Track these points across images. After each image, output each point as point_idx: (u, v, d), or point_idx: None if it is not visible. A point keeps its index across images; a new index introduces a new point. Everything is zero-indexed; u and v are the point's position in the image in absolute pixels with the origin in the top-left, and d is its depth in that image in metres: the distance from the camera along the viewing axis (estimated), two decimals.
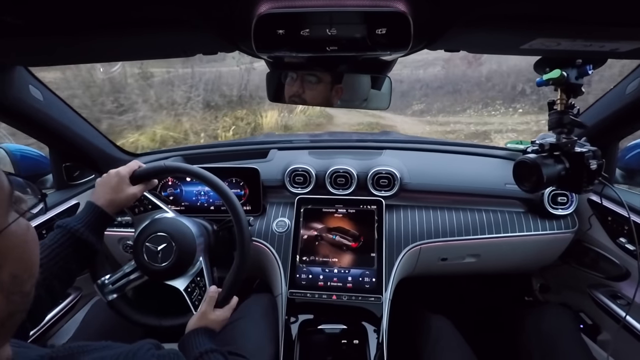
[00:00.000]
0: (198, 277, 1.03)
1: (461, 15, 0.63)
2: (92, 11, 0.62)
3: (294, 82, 1.03)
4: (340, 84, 1.01)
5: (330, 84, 1.01)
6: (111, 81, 5.98)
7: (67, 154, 1.42)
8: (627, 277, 1.22)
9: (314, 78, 1.01)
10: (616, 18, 0.60)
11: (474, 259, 1.44)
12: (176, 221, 1.06)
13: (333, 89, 1.02)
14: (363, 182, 1.42)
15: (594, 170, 0.86)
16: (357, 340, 1.19)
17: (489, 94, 7.36)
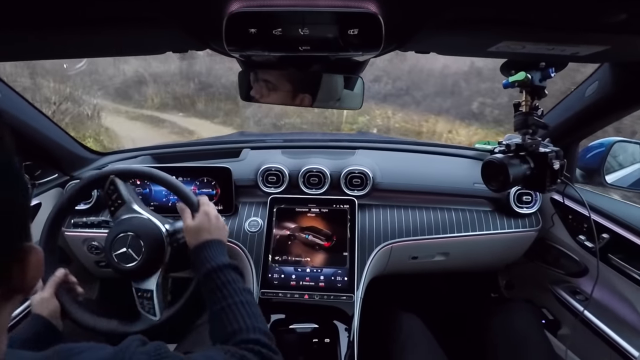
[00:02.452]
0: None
1: (431, 18, 0.64)
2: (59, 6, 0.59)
3: (260, 82, 1.02)
4: (312, 85, 1.01)
5: (299, 83, 1.00)
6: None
7: (28, 152, 1.35)
8: (586, 274, 1.28)
9: (275, 82, 1.00)
10: (576, 24, 0.63)
11: (443, 257, 1.47)
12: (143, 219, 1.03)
13: (308, 99, 1.02)
14: (336, 182, 1.43)
15: (556, 170, 0.89)
16: (328, 339, 1.19)
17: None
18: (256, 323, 0.73)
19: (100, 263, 1.48)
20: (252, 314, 0.75)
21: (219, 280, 0.80)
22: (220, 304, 0.77)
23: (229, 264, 0.83)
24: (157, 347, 0.54)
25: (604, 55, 0.80)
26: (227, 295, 0.77)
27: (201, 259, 0.86)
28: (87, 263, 1.50)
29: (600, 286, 1.13)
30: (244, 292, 0.79)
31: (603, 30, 0.64)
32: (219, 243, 0.89)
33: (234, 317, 0.74)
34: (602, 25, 0.62)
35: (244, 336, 0.70)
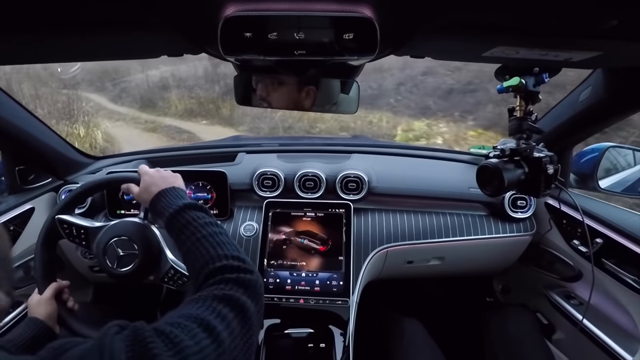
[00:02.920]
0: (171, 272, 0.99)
1: (425, 23, 0.65)
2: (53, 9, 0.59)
3: (256, 86, 1.02)
4: (311, 87, 1.01)
5: (298, 87, 1.01)
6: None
7: (21, 157, 1.34)
8: (580, 278, 1.29)
9: (277, 82, 1.00)
10: (569, 30, 0.64)
11: (438, 261, 1.47)
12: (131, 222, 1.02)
13: (303, 92, 1.02)
14: (331, 186, 1.43)
15: (551, 175, 0.90)
16: (323, 344, 1.19)
17: None
18: (220, 251, 0.69)
19: (94, 268, 1.47)
20: (215, 243, 0.71)
21: (179, 224, 0.76)
22: (186, 245, 0.73)
23: (185, 205, 0.79)
24: (134, 330, 0.52)
25: (596, 61, 0.81)
26: (189, 235, 0.74)
27: (157, 210, 0.83)
28: (80, 268, 1.48)
29: (594, 291, 1.13)
30: (206, 226, 0.75)
31: (595, 36, 0.65)
32: (170, 190, 0.85)
33: (198, 253, 0.70)
34: (594, 31, 0.63)
35: (210, 267, 0.66)
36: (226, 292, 0.61)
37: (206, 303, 0.58)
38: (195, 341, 0.51)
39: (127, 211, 1.42)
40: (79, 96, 7.55)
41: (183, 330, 0.52)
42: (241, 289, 0.62)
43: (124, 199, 1.42)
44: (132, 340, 0.49)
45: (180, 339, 0.50)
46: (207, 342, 0.52)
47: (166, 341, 0.50)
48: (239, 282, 0.63)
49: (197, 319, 0.55)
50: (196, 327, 0.53)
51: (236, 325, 0.57)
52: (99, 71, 9.68)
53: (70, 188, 1.42)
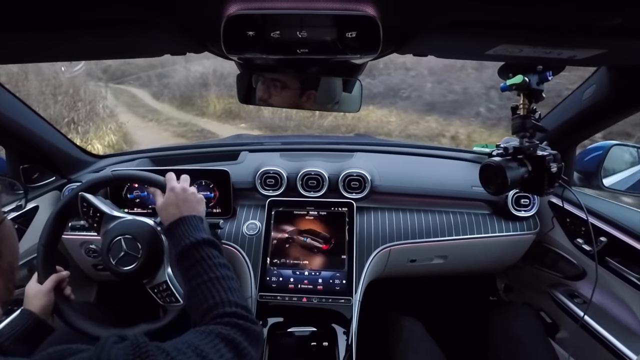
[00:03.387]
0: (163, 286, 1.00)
1: (429, 21, 0.65)
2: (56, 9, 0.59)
3: (261, 86, 1.02)
4: (312, 89, 1.01)
5: (299, 88, 1.01)
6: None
7: (25, 155, 1.35)
8: (584, 277, 1.28)
9: (279, 83, 1.00)
10: (573, 27, 0.63)
11: (441, 260, 1.47)
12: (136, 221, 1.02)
13: (304, 94, 1.02)
14: (334, 185, 1.43)
15: (554, 173, 0.90)
16: (326, 343, 1.19)
17: None
18: (232, 297, 0.71)
19: (98, 266, 1.47)
20: (227, 288, 0.73)
21: (193, 258, 0.78)
22: (196, 281, 0.75)
23: (203, 240, 0.81)
24: (136, 342, 0.53)
25: (600, 59, 0.80)
26: (202, 272, 0.75)
27: (175, 237, 0.84)
28: (84, 266, 1.49)
29: (598, 289, 1.13)
30: (220, 267, 0.77)
31: (599, 34, 0.64)
32: (192, 218, 0.87)
33: (209, 293, 0.72)
34: (598, 29, 0.63)
35: (220, 310, 0.68)
36: (231, 334, 0.63)
37: (209, 337, 0.60)
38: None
39: (130, 210, 1.43)
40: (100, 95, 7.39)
41: (183, 355, 0.54)
42: (244, 336, 0.65)
43: (128, 197, 1.43)
44: (132, 351, 0.50)
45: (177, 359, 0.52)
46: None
47: (166, 356, 0.52)
48: (244, 329, 0.66)
49: (197, 349, 0.57)
50: (193, 355, 0.55)
51: None
52: (146, 65, 9.54)
53: (72, 187, 1.43)
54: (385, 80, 7.87)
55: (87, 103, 6.99)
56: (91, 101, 7.15)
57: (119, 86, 10.84)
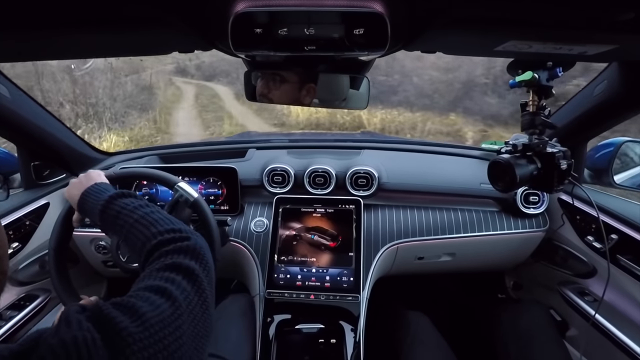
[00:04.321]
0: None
1: (437, 17, 0.64)
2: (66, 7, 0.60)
3: (260, 81, 1.02)
4: (312, 84, 1.00)
5: (297, 83, 1.00)
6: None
7: (36, 152, 1.37)
8: (594, 275, 1.27)
9: (278, 77, 1.00)
10: (583, 23, 0.63)
11: (449, 257, 1.47)
12: None
13: (304, 89, 1.02)
14: (341, 182, 1.43)
15: (564, 170, 0.89)
16: (334, 340, 1.19)
17: None
18: (154, 228, 0.69)
19: (108, 263, 1.49)
20: (148, 223, 0.71)
21: (110, 218, 0.76)
22: (122, 233, 0.73)
23: (110, 196, 0.79)
24: (93, 311, 0.53)
25: (612, 55, 0.79)
26: (122, 224, 0.74)
27: (88, 212, 0.83)
28: (94, 263, 1.51)
29: (609, 287, 1.12)
30: (136, 210, 0.75)
31: (611, 29, 0.63)
32: (93, 187, 0.85)
33: (135, 237, 0.70)
34: (610, 24, 0.62)
35: (147, 247, 0.66)
36: (167, 262, 0.61)
37: (152, 275, 0.59)
38: (150, 303, 0.52)
39: None
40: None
41: (137, 298, 0.53)
42: (181, 255, 0.63)
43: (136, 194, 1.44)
44: (92, 315, 0.50)
45: (135, 305, 0.51)
46: (162, 301, 0.53)
47: (122, 309, 0.51)
48: (176, 250, 0.64)
49: (148, 287, 0.55)
50: (149, 293, 0.54)
51: (186, 285, 0.58)
52: (236, 60, 9.58)
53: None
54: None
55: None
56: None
57: (206, 83, 10.86)
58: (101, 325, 0.48)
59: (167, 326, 0.50)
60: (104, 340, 0.46)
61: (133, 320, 0.49)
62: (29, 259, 1.28)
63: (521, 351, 1.26)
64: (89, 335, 0.45)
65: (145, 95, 7.94)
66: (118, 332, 0.47)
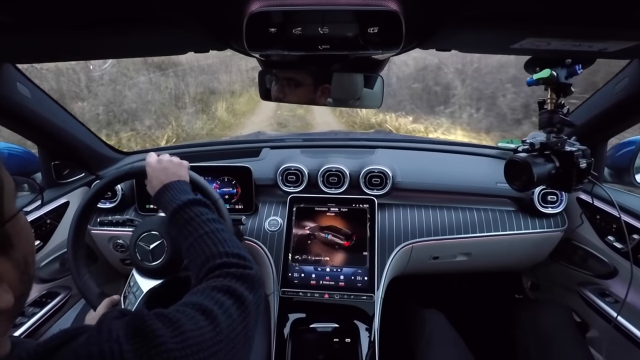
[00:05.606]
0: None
1: (452, 15, 0.63)
2: (83, 8, 0.61)
3: (275, 85, 1.03)
4: (327, 84, 1.00)
5: (312, 85, 1.01)
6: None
7: (56, 152, 1.40)
8: (615, 275, 1.24)
9: (293, 82, 1.00)
10: (604, 19, 0.61)
11: (465, 257, 1.45)
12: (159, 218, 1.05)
13: (318, 90, 1.02)
14: (355, 181, 1.42)
15: (583, 169, 0.87)
16: (349, 339, 1.19)
17: None
18: (221, 248, 0.71)
19: (126, 261, 1.51)
20: (217, 240, 0.73)
21: (182, 219, 0.78)
22: (188, 241, 0.75)
23: (188, 201, 0.81)
24: (134, 314, 0.53)
25: (634, 51, 0.77)
26: (191, 231, 0.76)
27: (162, 205, 0.85)
28: (112, 261, 1.54)
29: (632, 288, 1.09)
30: (208, 223, 0.77)
31: (633, 25, 0.62)
32: (174, 183, 0.87)
33: (200, 249, 0.72)
34: (631, 19, 0.60)
35: (210, 264, 0.68)
36: (224, 283, 0.63)
37: (205, 292, 0.60)
38: (194, 322, 0.53)
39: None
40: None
41: (182, 314, 0.54)
42: (239, 282, 0.64)
43: None
44: (131, 321, 0.51)
45: (180, 320, 0.52)
46: (205, 324, 0.54)
47: (165, 321, 0.52)
48: (237, 276, 0.66)
49: (195, 305, 0.57)
50: (194, 312, 0.55)
51: (234, 312, 0.59)
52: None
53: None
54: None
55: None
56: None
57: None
58: (139, 335, 0.49)
59: (204, 349, 0.51)
60: (136, 351, 0.47)
61: (174, 335, 0.50)
62: (50, 257, 1.31)
63: (542, 352, 1.24)
64: (116, 347, 0.46)
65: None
66: (156, 345, 0.48)
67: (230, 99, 9.61)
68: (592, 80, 2.13)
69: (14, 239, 0.45)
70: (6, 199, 0.45)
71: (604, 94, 1.16)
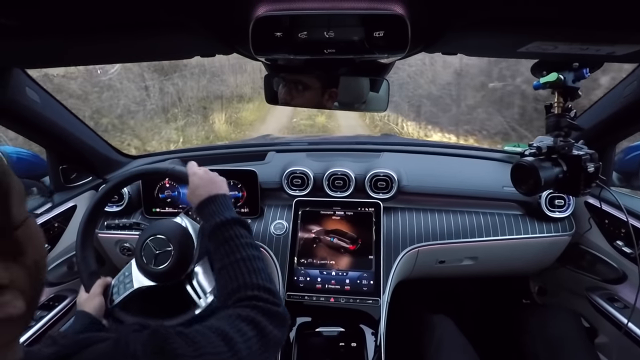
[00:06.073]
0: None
1: (459, 18, 0.63)
2: (90, 13, 0.62)
3: (283, 89, 1.03)
4: (334, 88, 1.00)
5: (320, 89, 1.01)
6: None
7: (64, 156, 1.41)
8: (624, 280, 1.23)
9: (300, 86, 1.00)
10: (612, 22, 0.60)
11: (471, 261, 1.44)
12: (166, 222, 1.05)
13: (326, 93, 1.02)
14: (361, 185, 1.42)
15: (591, 173, 0.86)
16: (355, 343, 1.19)
17: None
18: (255, 279, 0.72)
19: None
20: (252, 270, 0.74)
21: (222, 236, 0.79)
22: (223, 261, 0.76)
23: (232, 219, 0.81)
24: (155, 329, 0.54)
25: None
26: (229, 252, 0.76)
27: (205, 215, 0.85)
28: (119, 264, 1.54)
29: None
30: (247, 248, 0.78)
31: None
32: (221, 197, 0.88)
33: (234, 274, 0.73)
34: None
35: (242, 294, 0.69)
36: (251, 314, 0.64)
37: (230, 319, 0.62)
38: (213, 346, 0.54)
39: (162, 209, 1.47)
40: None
41: (203, 336, 0.56)
42: (265, 317, 0.66)
43: (159, 197, 1.47)
44: (151, 339, 0.51)
45: (200, 342, 0.53)
46: (225, 349, 0.55)
47: (186, 340, 0.53)
48: (264, 310, 0.67)
49: (218, 330, 0.58)
50: (215, 337, 0.56)
51: (255, 344, 0.60)
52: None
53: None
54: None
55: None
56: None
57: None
58: (158, 352, 0.50)
59: None
60: None
61: (193, 356, 0.52)
62: (58, 260, 1.32)
63: (551, 358, 1.23)
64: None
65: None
66: (170, 352, 0.50)
67: (236, 105, 9.28)
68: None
69: (25, 245, 0.45)
70: (15, 203, 0.45)
71: (612, 97, 1.16)
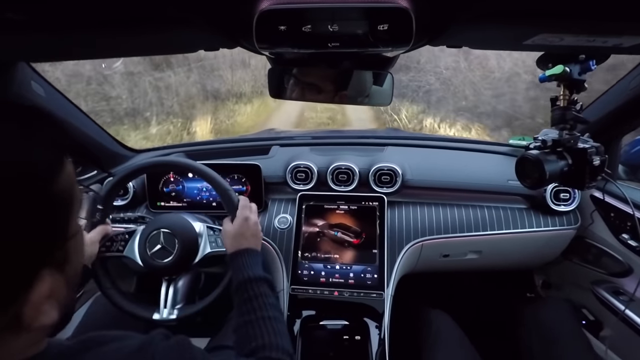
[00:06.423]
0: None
1: (464, 11, 0.63)
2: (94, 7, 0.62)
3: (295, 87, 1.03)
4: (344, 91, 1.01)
5: (328, 79, 1.00)
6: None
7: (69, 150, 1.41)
8: (630, 274, 1.22)
9: (314, 87, 1.01)
10: (619, 13, 0.60)
11: (476, 255, 1.44)
12: (179, 217, 1.06)
13: (337, 95, 1.02)
14: (365, 179, 1.42)
15: (596, 167, 0.85)
16: (358, 336, 1.19)
17: None
18: (281, 342, 0.74)
19: None
20: (278, 331, 0.76)
21: (251, 292, 0.82)
22: (249, 316, 0.78)
23: (262, 277, 0.85)
24: (180, 342, 0.56)
25: None
26: (256, 308, 0.79)
27: (237, 266, 0.88)
28: None
29: None
30: (273, 308, 0.81)
31: None
32: (255, 253, 0.91)
33: (260, 332, 0.75)
34: None
35: (267, 353, 0.71)
36: None
37: None
38: None
39: (166, 203, 1.47)
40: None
41: None
42: None
43: (164, 190, 1.47)
44: (177, 352, 0.53)
45: None
46: None
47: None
48: None
49: None
50: None
51: None
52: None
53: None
54: None
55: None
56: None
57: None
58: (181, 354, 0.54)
59: None
60: None
61: None
62: None
63: (544, 348, 1.23)
64: None
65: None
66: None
67: (232, 108, 8.68)
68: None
69: (72, 255, 0.46)
70: (74, 215, 0.46)
71: (618, 90, 1.15)
